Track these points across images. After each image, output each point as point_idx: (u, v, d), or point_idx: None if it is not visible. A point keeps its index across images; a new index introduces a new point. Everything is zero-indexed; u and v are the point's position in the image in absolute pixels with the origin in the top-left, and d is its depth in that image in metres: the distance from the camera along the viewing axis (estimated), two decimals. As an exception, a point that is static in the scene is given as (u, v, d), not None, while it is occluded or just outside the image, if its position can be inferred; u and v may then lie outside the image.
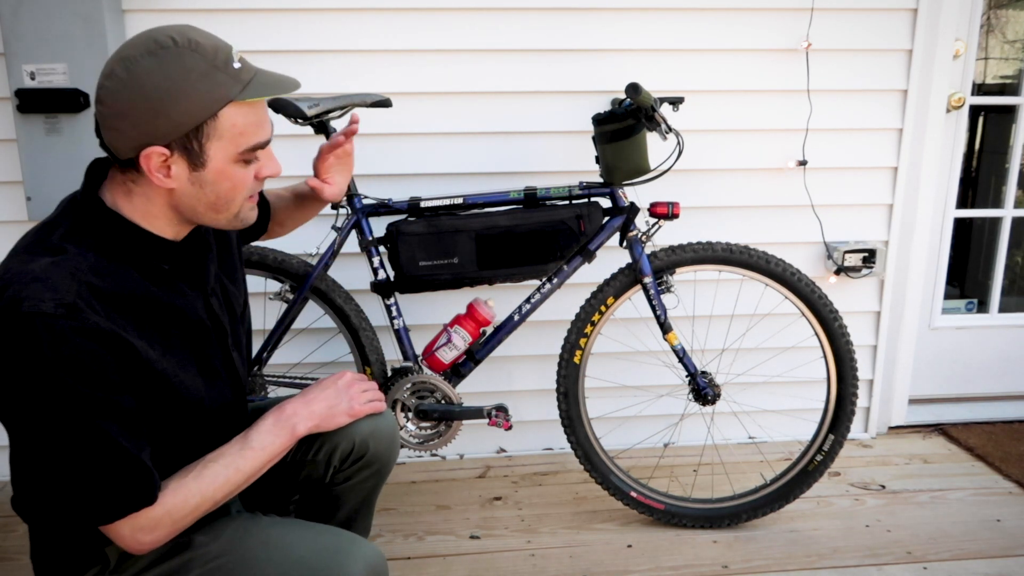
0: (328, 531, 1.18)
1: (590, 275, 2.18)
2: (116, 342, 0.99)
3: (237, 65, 1.04)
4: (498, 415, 1.94)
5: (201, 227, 1.18)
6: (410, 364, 1.96)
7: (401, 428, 1.94)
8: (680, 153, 1.87)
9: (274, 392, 2.11)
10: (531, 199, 1.90)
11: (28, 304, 0.93)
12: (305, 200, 1.60)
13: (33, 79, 1.98)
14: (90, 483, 0.99)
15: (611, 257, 2.18)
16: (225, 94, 1.02)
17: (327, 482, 1.37)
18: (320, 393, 1.26)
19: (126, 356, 1.01)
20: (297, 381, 2.05)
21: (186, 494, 1.06)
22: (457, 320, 1.94)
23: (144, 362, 1.03)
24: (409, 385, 1.93)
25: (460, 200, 1.89)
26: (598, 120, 1.85)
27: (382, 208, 1.90)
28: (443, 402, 1.94)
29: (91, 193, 1.06)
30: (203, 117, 1.01)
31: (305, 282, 1.93)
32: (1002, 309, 2.70)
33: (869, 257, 2.36)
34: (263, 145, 1.08)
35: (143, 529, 1.03)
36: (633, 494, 2.02)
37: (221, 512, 1.18)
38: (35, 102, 1.98)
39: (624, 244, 1.92)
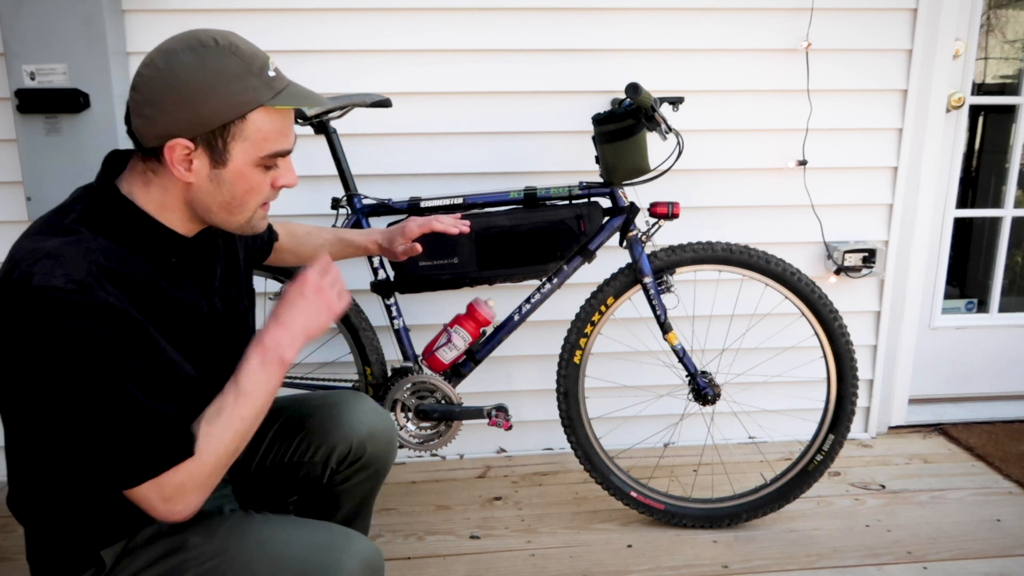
0: (323, 527, 1.16)
1: (590, 275, 2.18)
2: (127, 320, 0.99)
3: (272, 74, 1.06)
4: (498, 415, 1.94)
5: (211, 230, 1.19)
6: (410, 364, 1.96)
7: (401, 428, 1.94)
8: (680, 153, 1.87)
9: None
10: (531, 199, 1.90)
11: (39, 279, 0.93)
12: (351, 247, 1.70)
13: (33, 79, 1.98)
14: (122, 443, 0.96)
15: (611, 257, 2.18)
16: (255, 98, 1.04)
17: (324, 483, 1.37)
18: (291, 311, 1.16)
19: (136, 335, 1.00)
20: (297, 381, 2.05)
21: (201, 458, 1.03)
22: (457, 320, 1.93)
23: (154, 343, 1.03)
24: (409, 385, 1.93)
25: (460, 200, 1.89)
26: (598, 120, 1.85)
27: (382, 208, 1.90)
28: (443, 402, 1.94)
29: (107, 181, 1.08)
30: (232, 116, 1.03)
31: (305, 282, 1.92)
32: (1002, 309, 2.70)
33: (869, 257, 2.36)
34: (284, 153, 1.10)
35: (168, 499, 1.01)
36: (633, 494, 2.02)
37: (214, 512, 1.18)
38: (35, 102, 1.98)
39: (624, 244, 1.92)
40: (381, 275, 1.94)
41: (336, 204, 1.91)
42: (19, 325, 0.94)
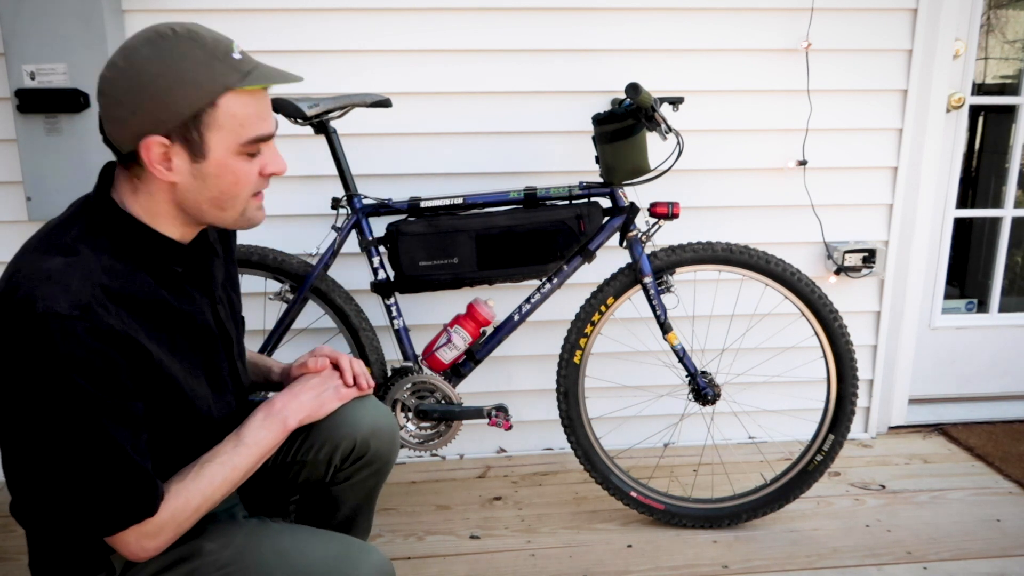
0: (337, 538, 1.18)
1: (590, 275, 2.18)
2: (129, 345, 0.99)
3: (238, 56, 1.03)
4: (498, 415, 1.94)
5: (207, 234, 1.18)
6: (410, 364, 1.96)
7: (401, 428, 1.94)
8: (680, 153, 1.87)
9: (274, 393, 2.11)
10: (531, 199, 1.90)
11: (43, 304, 0.92)
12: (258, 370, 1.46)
13: (33, 79, 1.98)
14: (95, 490, 0.98)
15: (611, 257, 2.18)
16: (223, 82, 1.01)
17: (327, 481, 1.37)
18: (305, 385, 1.27)
19: (139, 359, 1.01)
20: (297, 381, 2.04)
21: (188, 496, 1.07)
22: (457, 320, 1.93)
23: (156, 366, 1.03)
24: (409, 385, 1.93)
25: (460, 200, 1.89)
26: (598, 120, 1.85)
27: (382, 208, 1.90)
28: (443, 402, 1.94)
29: (104, 194, 1.06)
30: (201, 105, 1.00)
31: (305, 282, 1.93)
32: (1002, 309, 2.70)
33: (869, 257, 2.36)
34: (265, 138, 1.07)
35: (148, 535, 1.03)
36: (633, 494, 2.02)
37: (227, 517, 1.18)
38: (35, 102, 1.98)
39: (624, 244, 1.92)
40: (381, 275, 1.94)
41: (336, 204, 1.91)
42: (21, 348, 0.93)
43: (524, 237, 1.86)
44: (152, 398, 1.04)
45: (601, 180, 1.90)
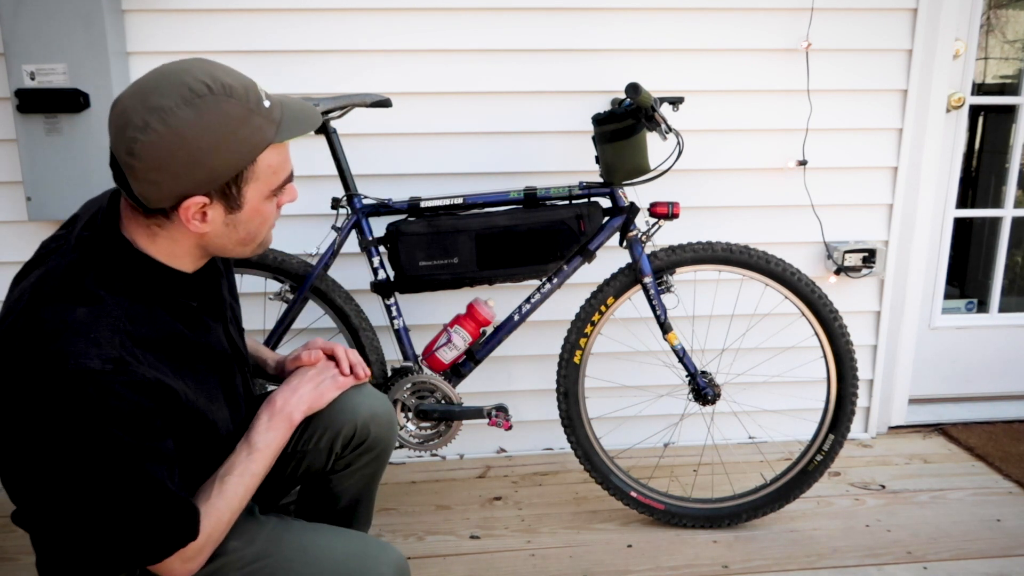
0: (357, 536, 1.21)
1: (590, 275, 2.18)
2: (160, 389, 1.00)
3: (267, 104, 1.03)
4: (498, 415, 1.94)
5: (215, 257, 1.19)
6: (410, 364, 1.96)
7: (401, 428, 1.94)
8: (680, 153, 1.87)
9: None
10: (531, 199, 1.90)
11: (75, 361, 0.92)
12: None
13: (33, 79, 1.98)
14: (139, 526, 0.99)
15: (611, 257, 2.18)
16: (263, 138, 1.01)
17: (328, 470, 1.39)
18: (302, 378, 1.29)
19: (168, 401, 1.02)
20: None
21: (218, 514, 1.09)
22: (457, 320, 1.94)
23: (183, 404, 1.04)
24: (409, 385, 1.93)
25: (460, 200, 1.89)
26: (598, 120, 1.85)
27: (382, 208, 1.90)
28: (443, 402, 1.94)
29: (116, 232, 1.05)
30: (245, 164, 1.01)
31: (305, 282, 1.93)
32: (1002, 309, 2.70)
33: (869, 257, 2.36)
34: (291, 178, 1.10)
35: (189, 558, 1.06)
36: (633, 494, 2.02)
37: (246, 514, 1.20)
38: (35, 102, 1.98)
39: (624, 244, 1.92)
40: (381, 275, 1.94)
41: (336, 204, 1.91)
42: (55, 405, 0.92)
43: (524, 237, 1.86)
44: (180, 432, 1.05)
45: (601, 180, 1.90)
